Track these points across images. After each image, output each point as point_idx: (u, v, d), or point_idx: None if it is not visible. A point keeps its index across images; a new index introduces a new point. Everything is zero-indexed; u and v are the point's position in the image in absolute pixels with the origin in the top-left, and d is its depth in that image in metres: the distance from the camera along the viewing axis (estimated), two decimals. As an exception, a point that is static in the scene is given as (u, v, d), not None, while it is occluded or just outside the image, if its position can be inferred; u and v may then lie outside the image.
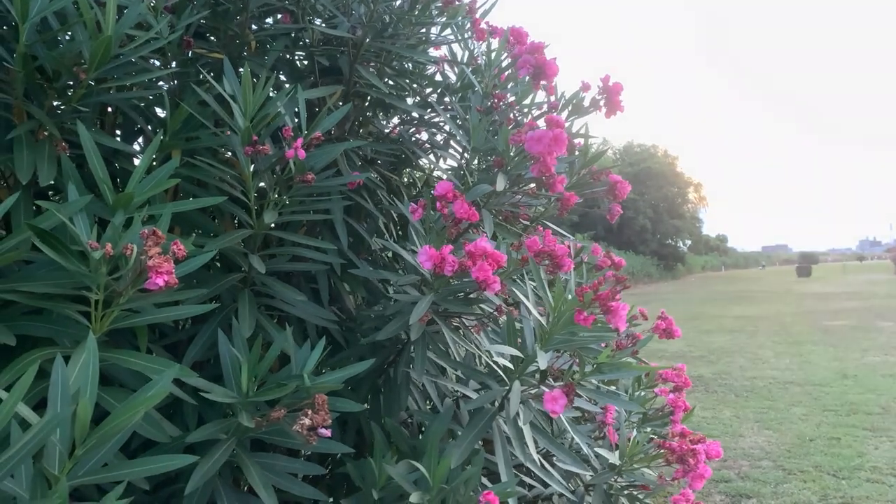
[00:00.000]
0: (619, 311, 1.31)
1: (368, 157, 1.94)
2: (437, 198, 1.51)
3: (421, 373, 1.47)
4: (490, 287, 1.33)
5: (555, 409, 1.31)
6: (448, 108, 1.92)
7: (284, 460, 1.26)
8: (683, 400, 1.99)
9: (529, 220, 2.17)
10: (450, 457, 1.29)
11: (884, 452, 5.05)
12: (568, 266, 1.57)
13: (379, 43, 1.64)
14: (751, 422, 6.13)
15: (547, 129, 1.54)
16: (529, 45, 1.77)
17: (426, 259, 1.37)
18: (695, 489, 1.49)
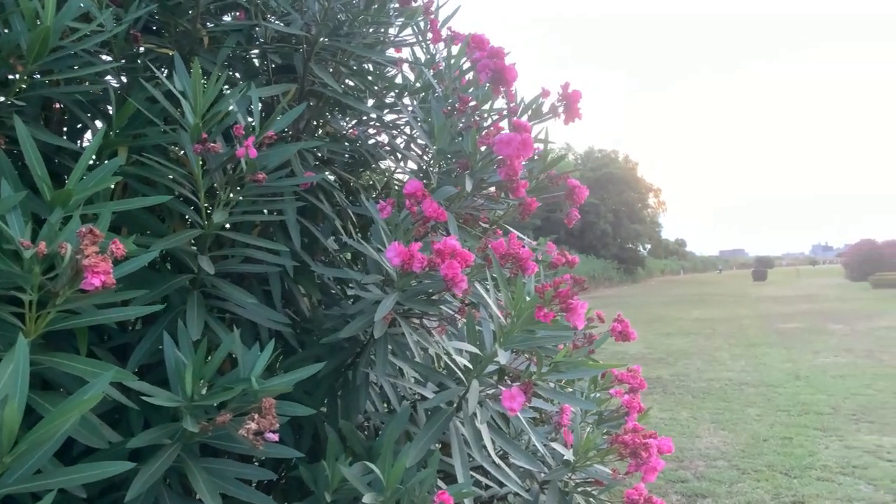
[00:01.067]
0: (577, 308, 1.31)
1: (325, 158, 1.92)
2: (407, 196, 1.50)
3: (382, 373, 1.45)
4: (457, 286, 1.32)
5: (512, 406, 1.31)
6: (408, 110, 1.91)
7: (234, 465, 1.23)
8: (638, 401, 2.01)
9: (489, 224, 2.17)
10: (405, 458, 1.27)
11: (833, 452, 5.19)
12: (532, 269, 1.57)
13: (335, 42, 1.62)
14: (707, 422, 6.24)
15: (515, 133, 1.55)
16: (490, 50, 1.77)
17: (395, 255, 1.35)
18: (648, 482, 1.50)
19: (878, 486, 4.40)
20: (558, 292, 1.27)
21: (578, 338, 1.86)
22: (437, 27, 1.85)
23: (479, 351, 1.37)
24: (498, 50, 1.72)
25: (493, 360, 1.32)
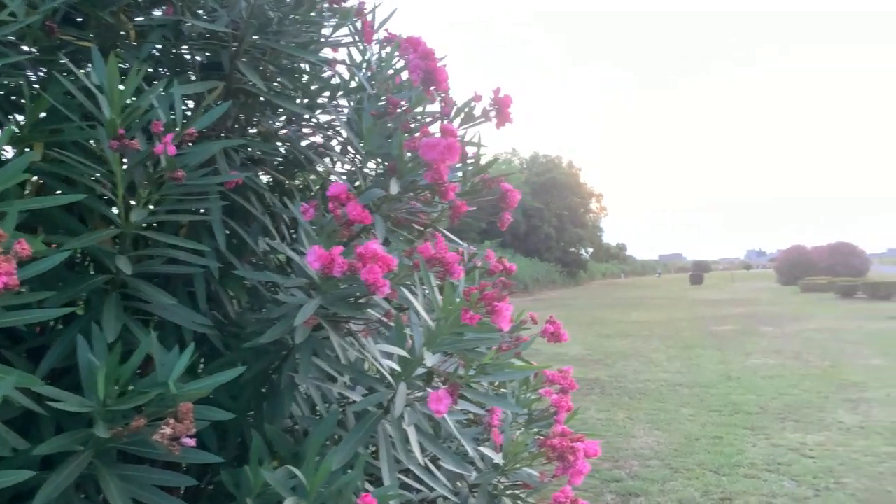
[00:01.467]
0: (503, 311, 1.33)
1: (256, 158, 1.89)
2: (330, 198, 1.49)
3: (305, 377, 1.44)
4: (379, 290, 1.32)
5: (439, 408, 1.31)
6: (337, 111, 1.90)
7: (151, 472, 1.20)
8: (567, 401, 2.05)
9: (424, 227, 2.17)
10: (330, 461, 1.26)
11: (760, 450, 5.39)
12: (458, 273, 1.57)
13: (263, 40, 1.60)
14: (643, 423, 6.40)
15: (441, 137, 1.55)
16: (421, 51, 1.78)
17: (315, 259, 1.34)
18: (574, 485, 1.52)
19: (801, 483, 4.60)
20: (484, 295, 1.29)
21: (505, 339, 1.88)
22: (369, 28, 1.84)
23: (407, 354, 1.37)
24: (429, 51, 1.72)
25: (421, 363, 1.32)
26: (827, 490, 4.45)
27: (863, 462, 5.00)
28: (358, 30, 2.01)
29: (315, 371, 1.57)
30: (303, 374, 1.43)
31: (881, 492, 4.37)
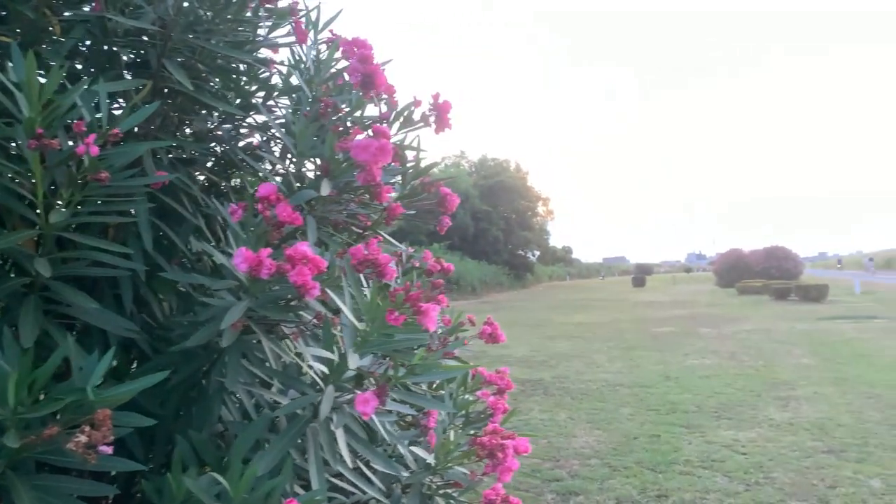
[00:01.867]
0: (429, 312, 1.34)
1: (188, 158, 1.86)
2: (260, 199, 1.47)
3: (234, 382, 1.42)
4: (309, 292, 1.31)
5: (365, 410, 1.32)
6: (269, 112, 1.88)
7: (69, 481, 1.17)
8: (504, 402, 2.07)
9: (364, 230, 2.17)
10: (256, 467, 1.25)
11: (696, 447, 5.55)
12: (391, 275, 1.58)
13: (193, 38, 1.57)
14: (583, 422, 6.51)
15: (373, 138, 1.56)
16: (359, 54, 1.78)
17: (242, 261, 1.33)
18: (503, 482, 1.55)
19: (733, 478, 4.76)
20: (409, 296, 1.30)
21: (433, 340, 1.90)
22: (301, 29, 1.83)
23: (333, 356, 1.37)
24: (367, 55, 1.73)
25: (348, 365, 1.32)
26: (757, 485, 4.61)
27: (790, 457, 5.20)
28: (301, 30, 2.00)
29: (245, 375, 1.56)
30: (231, 378, 1.41)
31: (806, 485, 4.56)
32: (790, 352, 10.98)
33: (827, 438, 5.68)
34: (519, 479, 4.80)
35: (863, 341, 11.94)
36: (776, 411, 6.74)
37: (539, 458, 5.33)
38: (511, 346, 12.81)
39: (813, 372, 8.98)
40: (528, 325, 17.22)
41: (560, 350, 12.11)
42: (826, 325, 15.15)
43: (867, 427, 6.00)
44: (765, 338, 13.05)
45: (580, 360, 10.69)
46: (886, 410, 6.61)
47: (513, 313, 22.58)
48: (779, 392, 7.69)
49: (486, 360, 7.62)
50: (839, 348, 11.14)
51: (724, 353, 11.01)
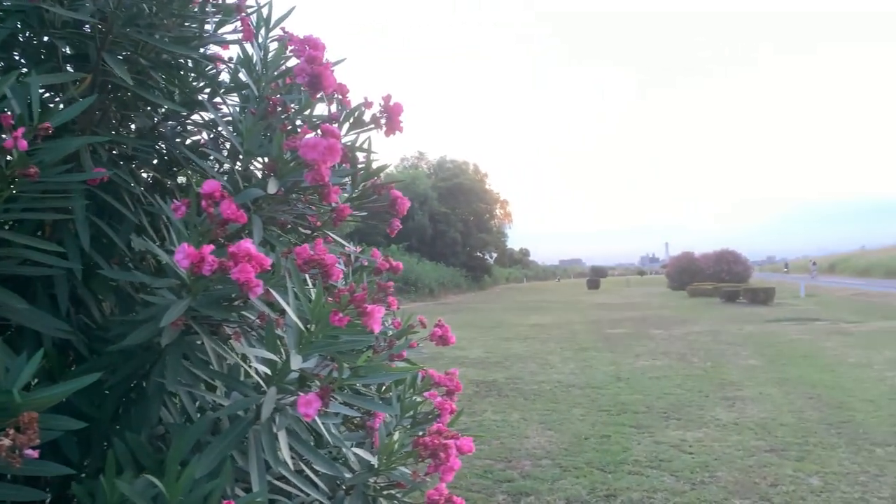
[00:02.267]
0: (373, 313, 1.34)
1: (129, 155, 1.81)
2: (203, 196, 1.45)
3: (174, 382, 1.39)
4: (252, 290, 1.29)
5: (308, 412, 1.30)
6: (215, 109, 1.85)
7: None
8: (451, 403, 2.08)
9: (312, 231, 2.15)
10: (193, 469, 1.23)
11: (645, 447, 5.66)
12: (337, 275, 1.57)
13: (134, 33, 1.54)
14: (536, 423, 6.57)
15: (322, 138, 1.54)
16: (307, 54, 1.76)
17: (183, 258, 1.30)
18: (445, 482, 1.55)
19: (679, 478, 4.86)
20: (354, 297, 1.29)
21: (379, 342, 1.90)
22: (248, 26, 1.81)
23: (276, 357, 1.36)
24: (315, 55, 1.71)
25: (291, 366, 1.31)
26: (702, 483, 4.72)
27: (735, 456, 5.34)
28: (252, 26, 1.97)
29: (187, 376, 1.53)
30: (171, 379, 1.39)
31: (749, 483, 4.69)
32: (737, 353, 11.28)
33: (770, 438, 5.85)
34: (471, 480, 4.83)
35: (805, 343, 12.34)
36: (723, 411, 6.91)
37: (491, 459, 5.37)
38: (467, 347, 12.88)
39: (758, 373, 9.24)
40: (485, 327, 17.32)
41: (515, 351, 12.20)
42: (772, 327, 15.60)
43: (807, 426, 6.20)
44: (713, 339, 13.37)
45: (534, 362, 10.79)
46: (825, 410, 6.84)
47: (469, 315, 22.69)
48: (726, 392, 7.89)
49: (442, 362, 7.66)
50: (784, 349, 11.48)
51: (675, 355, 11.25)
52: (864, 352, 10.88)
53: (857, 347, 11.45)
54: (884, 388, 7.87)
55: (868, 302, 23.43)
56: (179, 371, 1.44)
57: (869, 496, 4.38)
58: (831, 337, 13.12)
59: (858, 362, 9.86)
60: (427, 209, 46.38)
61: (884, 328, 14.45)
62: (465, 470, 5.06)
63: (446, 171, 54.50)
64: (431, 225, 46.44)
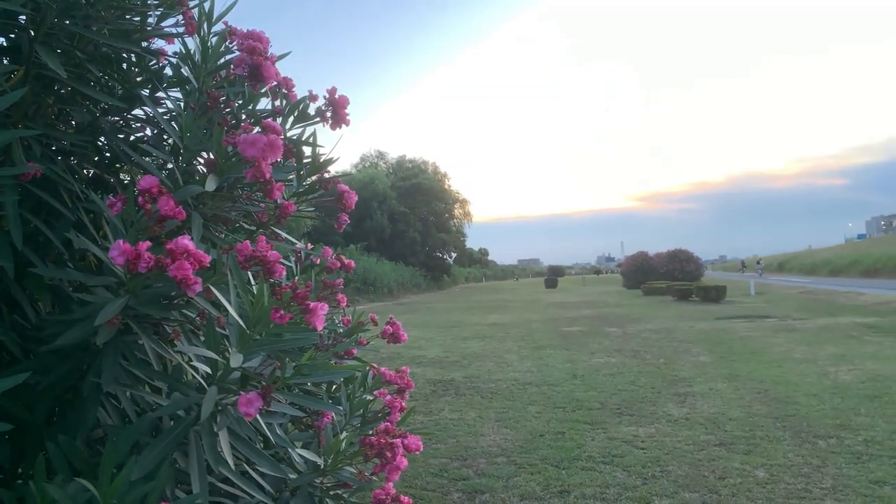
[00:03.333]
0: (316, 310, 1.32)
1: (66, 151, 1.76)
2: (140, 192, 1.41)
3: (110, 382, 1.36)
4: (190, 288, 1.27)
5: (249, 411, 1.29)
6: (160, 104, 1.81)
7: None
8: (401, 401, 2.07)
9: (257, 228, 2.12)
10: (128, 471, 1.20)
11: (599, 443, 5.73)
12: (280, 272, 1.55)
13: (70, 25, 1.49)
14: (492, 421, 6.60)
15: (262, 134, 1.52)
16: (247, 45, 1.74)
17: (118, 254, 1.27)
18: (392, 481, 1.55)
19: (631, 473, 4.93)
20: (296, 294, 1.28)
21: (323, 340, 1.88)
22: (190, 19, 1.77)
23: (217, 356, 1.34)
24: (254, 46, 1.69)
25: (231, 364, 1.29)
26: (653, 478, 4.80)
27: (685, 450, 5.44)
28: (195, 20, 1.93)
29: (125, 376, 1.49)
30: (107, 379, 1.35)
31: (698, 477, 4.79)
32: (689, 350, 11.51)
33: (719, 432, 5.99)
34: (427, 480, 4.82)
35: (754, 339, 12.68)
36: (674, 407, 7.05)
37: (447, 458, 5.37)
38: (425, 347, 12.87)
39: (709, 369, 9.45)
40: (443, 327, 17.34)
41: (473, 350, 12.24)
42: (723, 324, 15.98)
43: (755, 420, 6.36)
44: (666, 337, 13.64)
45: (491, 360, 10.84)
46: (772, 404, 7.03)
47: (428, 315, 22.69)
48: (678, 389, 8.05)
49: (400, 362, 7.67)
50: (734, 346, 11.77)
51: (629, 352, 11.43)
52: (810, 348, 11.23)
53: (802, 343, 11.81)
54: (827, 382, 8.13)
55: (814, 299, 24.20)
56: (117, 371, 1.41)
57: (812, 487, 4.52)
58: (779, 333, 13.51)
59: (804, 358, 10.17)
60: (386, 209, 46.23)
61: (828, 324, 14.95)
62: (420, 469, 5.05)
63: (406, 170, 54.42)
64: (390, 225, 46.30)
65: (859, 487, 4.47)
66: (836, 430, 5.90)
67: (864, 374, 8.53)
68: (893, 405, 6.76)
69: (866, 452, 5.22)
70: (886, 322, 14.85)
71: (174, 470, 1.44)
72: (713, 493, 4.45)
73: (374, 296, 33.56)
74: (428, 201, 51.99)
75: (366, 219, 44.31)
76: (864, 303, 20.80)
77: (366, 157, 57.19)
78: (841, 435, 5.75)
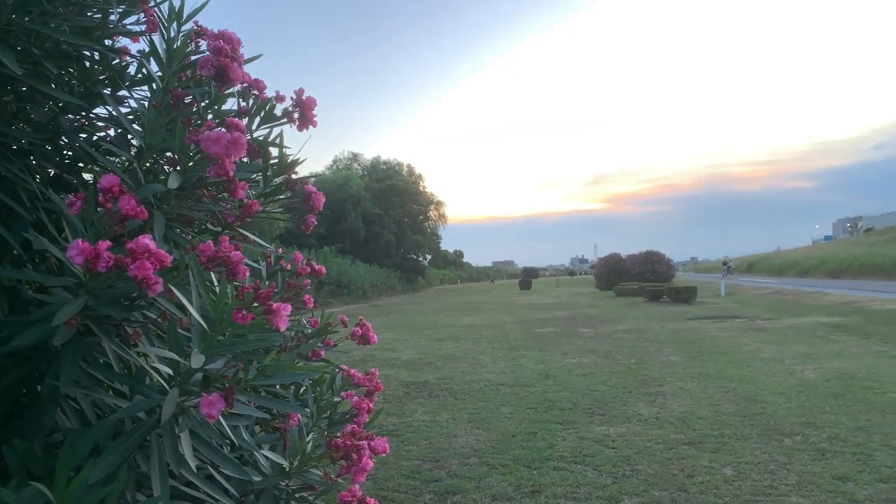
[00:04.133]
0: (279, 311, 1.31)
1: (25, 150, 1.73)
2: (101, 191, 1.39)
3: (67, 384, 1.33)
4: (151, 288, 1.25)
5: (210, 412, 1.27)
6: (123, 102, 1.79)
7: None
8: (369, 402, 2.07)
9: (224, 228, 2.09)
10: (86, 475, 1.18)
11: (570, 443, 5.77)
12: (243, 273, 1.54)
13: (27, 21, 1.46)
14: (465, 422, 6.61)
15: (225, 131, 1.51)
16: (213, 46, 1.72)
17: (77, 254, 1.25)
18: (357, 482, 1.54)
19: (602, 472, 4.97)
20: (258, 294, 1.27)
21: (287, 341, 1.87)
22: (151, 17, 1.75)
23: (179, 357, 1.32)
24: (221, 47, 1.68)
25: (192, 365, 1.27)
26: (623, 477, 4.85)
27: (655, 449, 5.51)
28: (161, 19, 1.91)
29: (85, 378, 1.47)
30: (65, 381, 1.32)
31: (668, 475, 4.84)
32: (660, 350, 11.65)
33: (688, 431, 6.07)
34: (399, 482, 4.81)
35: (724, 339, 12.87)
36: (645, 406, 7.12)
37: (419, 460, 5.36)
38: (399, 349, 12.85)
39: (679, 368, 9.57)
40: (417, 329, 17.32)
41: (447, 352, 12.25)
42: (693, 324, 16.20)
43: (723, 419, 6.46)
44: (638, 337, 13.78)
45: (465, 362, 10.86)
46: (740, 403, 7.15)
47: (403, 316, 22.65)
48: (648, 388, 8.14)
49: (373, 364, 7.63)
50: (704, 346, 11.94)
51: (601, 352, 11.53)
52: (777, 347, 11.44)
53: (770, 343, 12.02)
54: (793, 381, 8.28)
55: (782, 299, 24.65)
56: (76, 373, 1.38)
57: (777, 483, 4.60)
58: (748, 333, 13.73)
59: (771, 357, 10.35)
60: (360, 210, 46.06)
61: (795, 324, 15.23)
62: (392, 471, 5.04)
63: (380, 172, 54.30)
64: (365, 226, 46.15)
65: (823, 483, 4.56)
66: (801, 428, 6.01)
67: (829, 373, 8.71)
68: (857, 402, 6.92)
69: (830, 449, 5.33)
70: (851, 321, 15.18)
71: (135, 473, 1.42)
72: (682, 492, 4.51)
73: (348, 298, 33.41)
74: (403, 203, 51.94)
75: (340, 221, 44.12)
76: (829, 303, 21.25)
77: (339, 159, 56.95)
78: (806, 432, 5.86)
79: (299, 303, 2.04)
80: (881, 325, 13.99)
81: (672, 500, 4.36)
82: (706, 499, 4.36)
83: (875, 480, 4.58)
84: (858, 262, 42.74)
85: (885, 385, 7.72)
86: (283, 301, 1.38)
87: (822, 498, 4.30)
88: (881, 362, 9.41)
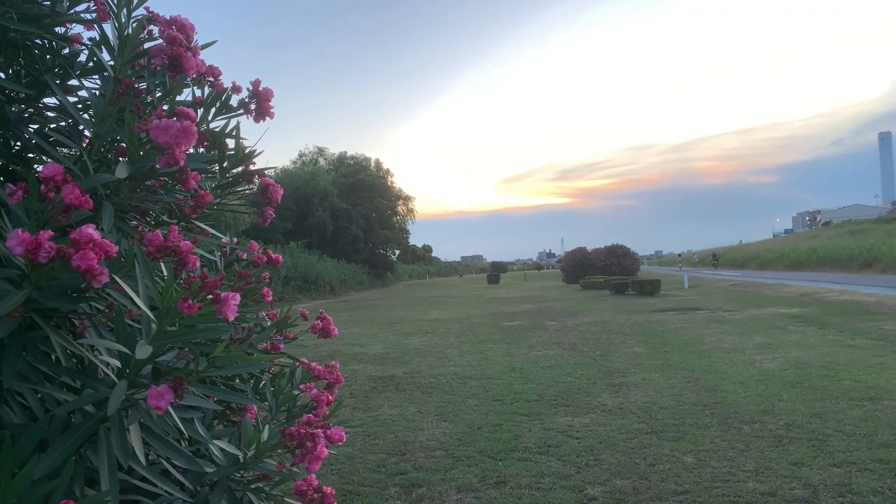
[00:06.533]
0: (227, 300, 1.30)
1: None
2: (42, 181, 1.36)
3: (10, 378, 1.30)
4: (96, 279, 1.23)
5: (159, 404, 1.26)
6: (72, 92, 1.75)
7: None
8: (328, 395, 2.06)
9: (179, 220, 2.07)
10: (30, 469, 1.15)
11: (535, 434, 5.82)
12: (193, 263, 1.52)
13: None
14: (431, 415, 6.63)
15: (175, 120, 1.48)
16: (166, 35, 1.70)
17: (17, 244, 1.22)
18: (312, 471, 1.53)
19: (566, 462, 5.03)
20: (205, 283, 1.25)
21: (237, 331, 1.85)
22: (101, 4, 1.72)
23: (126, 349, 1.30)
24: (174, 36, 1.65)
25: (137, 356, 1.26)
26: (587, 466, 4.91)
27: (618, 439, 5.59)
28: (113, 6, 1.87)
29: (30, 372, 1.44)
30: (8, 376, 1.29)
31: (630, 464, 4.92)
32: (625, 342, 11.82)
33: (651, 420, 6.17)
34: (364, 475, 4.80)
35: (686, 331, 13.10)
36: (609, 397, 7.22)
37: (385, 454, 5.36)
38: (366, 344, 12.82)
39: (643, 360, 9.72)
40: (385, 323, 17.30)
41: (414, 346, 12.26)
42: (657, 316, 16.45)
43: (685, 409, 6.58)
44: (603, 329, 13.96)
45: (433, 356, 10.89)
46: (701, 392, 7.29)
47: (371, 311, 22.59)
48: (612, 379, 8.25)
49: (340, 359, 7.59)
50: (667, 338, 12.14)
51: (566, 345, 11.65)
52: (738, 338, 11.68)
53: (732, 334, 12.28)
54: (753, 370, 8.47)
55: (743, 292, 25.16)
56: (21, 367, 1.35)
57: (735, 470, 4.71)
58: (710, 325, 14.00)
59: (733, 347, 10.57)
60: (328, 205, 45.73)
61: (755, 315, 15.57)
62: (357, 465, 5.03)
63: (347, 167, 53.95)
64: (332, 222, 45.84)
65: (780, 469, 4.68)
66: (759, 416, 6.16)
67: (787, 362, 8.93)
68: (813, 390, 7.11)
69: (787, 436, 5.47)
70: (809, 312, 15.58)
71: (84, 468, 1.40)
72: (643, 480, 4.59)
73: (315, 293, 33.18)
74: (371, 198, 51.70)
75: (307, 216, 43.74)
76: (788, 294, 21.76)
77: (304, 154, 56.38)
78: (764, 420, 6.01)
79: (258, 296, 2.02)
80: (837, 316, 14.38)
81: (634, 488, 4.44)
82: (667, 486, 4.44)
83: (829, 465, 4.71)
84: (817, 254, 43.83)
85: (840, 373, 7.95)
86: (233, 290, 1.37)
87: (778, 483, 4.41)
88: (837, 351, 9.68)
